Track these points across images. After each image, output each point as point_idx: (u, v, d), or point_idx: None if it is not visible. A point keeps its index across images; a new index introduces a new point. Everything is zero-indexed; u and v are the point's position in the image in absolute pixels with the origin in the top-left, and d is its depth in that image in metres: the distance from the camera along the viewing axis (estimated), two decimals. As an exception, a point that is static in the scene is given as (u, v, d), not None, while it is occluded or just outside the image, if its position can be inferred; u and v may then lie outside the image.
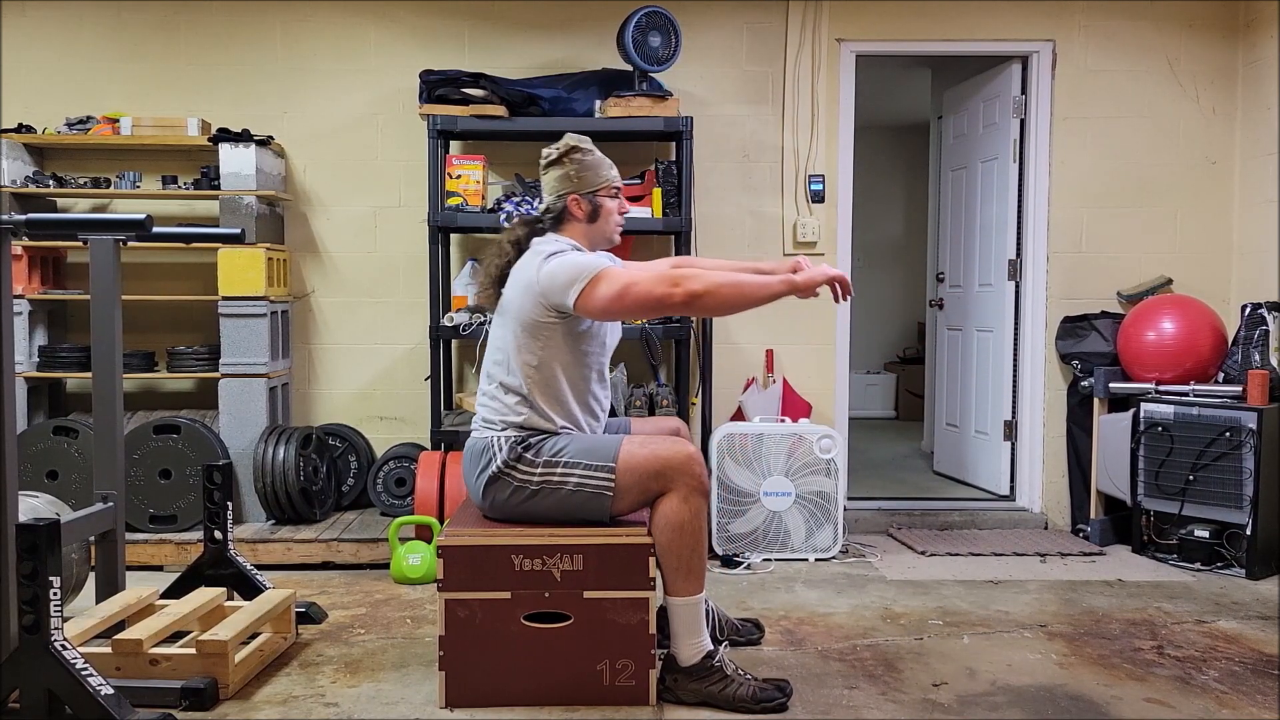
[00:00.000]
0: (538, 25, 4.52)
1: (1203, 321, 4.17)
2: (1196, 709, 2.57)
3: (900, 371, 8.17)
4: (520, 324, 2.58)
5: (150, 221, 2.55)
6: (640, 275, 2.48)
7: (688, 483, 2.50)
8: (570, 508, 2.56)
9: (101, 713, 2.23)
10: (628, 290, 2.45)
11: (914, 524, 4.56)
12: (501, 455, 2.57)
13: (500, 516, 2.63)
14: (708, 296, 2.44)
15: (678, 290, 2.43)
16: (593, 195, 2.69)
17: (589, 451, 2.55)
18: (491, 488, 2.59)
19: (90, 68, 4.48)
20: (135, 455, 4.02)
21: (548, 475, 2.55)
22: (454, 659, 2.53)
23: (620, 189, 2.76)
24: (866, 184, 7.72)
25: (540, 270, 2.53)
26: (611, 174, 2.73)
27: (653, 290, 2.44)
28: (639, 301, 2.45)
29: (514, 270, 2.65)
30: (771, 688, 2.54)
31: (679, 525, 2.49)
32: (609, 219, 2.73)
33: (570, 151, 2.68)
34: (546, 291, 2.52)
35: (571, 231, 2.70)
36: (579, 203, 2.68)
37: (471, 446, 2.67)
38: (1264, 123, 4.43)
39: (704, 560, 2.55)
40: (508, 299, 2.63)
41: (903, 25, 4.53)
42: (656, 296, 2.44)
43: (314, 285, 4.57)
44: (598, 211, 2.70)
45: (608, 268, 2.51)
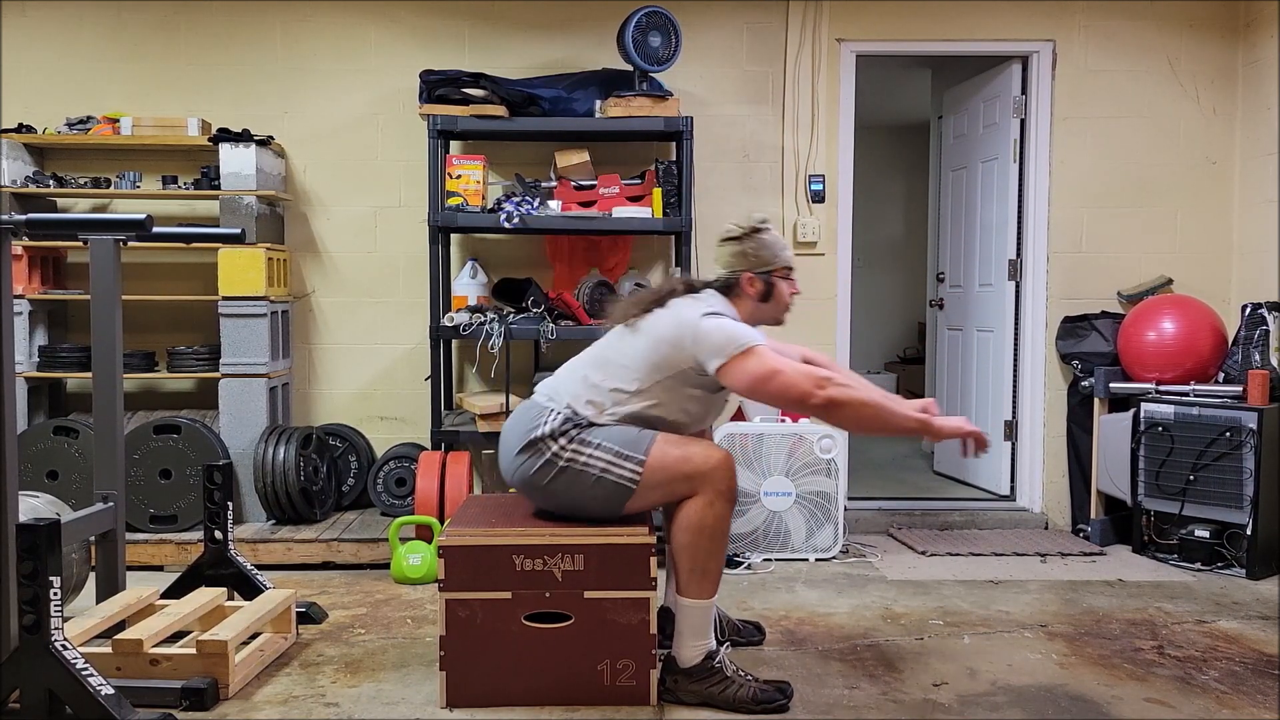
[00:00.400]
0: (538, 25, 4.52)
1: (1203, 321, 4.17)
2: (1197, 709, 2.57)
3: (901, 371, 8.17)
4: (657, 349, 2.54)
5: (150, 221, 2.55)
6: (789, 367, 2.46)
7: (716, 488, 2.48)
8: (589, 496, 2.53)
9: (102, 713, 2.23)
10: (773, 376, 2.44)
11: (914, 524, 4.56)
12: (548, 425, 2.54)
13: (521, 486, 2.60)
14: (848, 409, 2.43)
15: (820, 393, 2.42)
16: (768, 275, 2.68)
17: (623, 441, 2.52)
18: (525, 453, 2.56)
19: (90, 68, 4.48)
20: (135, 455, 4.02)
21: (576, 454, 2.51)
22: (455, 659, 2.53)
23: (793, 267, 2.74)
24: (867, 184, 7.73)
25: (699, 324, 2.51)
26: (787, 255, 2.71)
27: (797, 384, 2.43)
28: (780, 390, 2.44)
29: (673, 304, 2.60)
30: (772, 689, 2.54)
31: (700, 528, 2.48)
32: (780, 300, 2.72)
33: (753, 232, 2.68)
34: (695, 345, 2.50)
35: (739, 305, 2.68)
36: (753, 282, 2.67)
37: (524, 410, 2.63)
38: (1264, 123, 4.43)
39: (721, 566, 2.54)
40: (657, 324, 2.57)
41: (903, 25, 4.53)
42: (799, 392, 2.42)
43: (314, 285, 4.57)
44: (770, 292, 2.69)
45: (761, 346, 2.48)
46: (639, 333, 2.59)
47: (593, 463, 2.51)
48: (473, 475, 4.20)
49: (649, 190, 4.15)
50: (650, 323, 2.59)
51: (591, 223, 4.07)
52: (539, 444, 2.54)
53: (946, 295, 5.53)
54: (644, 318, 2.60)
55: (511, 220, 3.99)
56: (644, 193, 4.17)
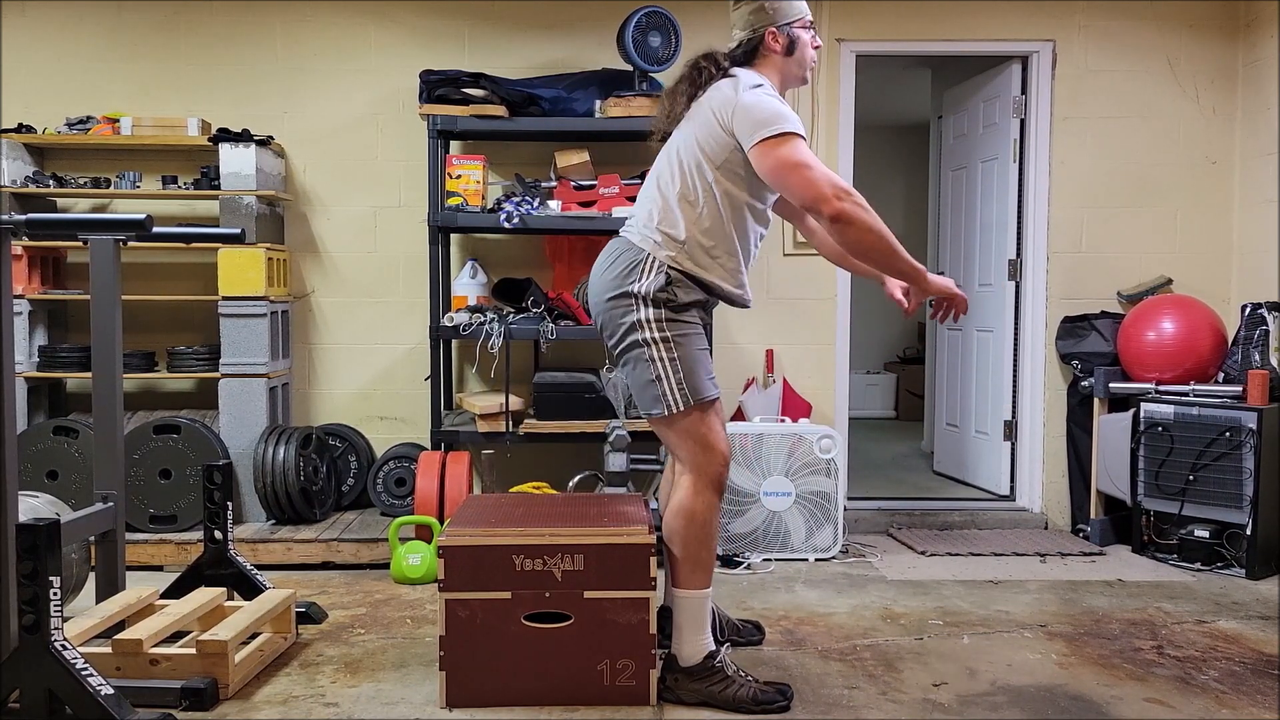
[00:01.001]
0: (538, 25, 4.52)
1: (1203, 321, 4.17)
2: (1196, 709, 2.57)
3: (900, 371, 8.17)
4: (700, 135, 2.50)
5: (150, 221, 2.55)
6: (818, 164, 2.40)
7: (706, 472, 2.52)
8: (636, 381, 2.54)
9: (102, 713, 2.23)
10: (800, 168, 2.38)
11: (914, 524, 4.56)
12: (651, 280, 2.50)
13: (603, 322, 2.58)
14: (855, 228, 2.37)
15: (837, 203, 2.35)
16: (789, 27, 2.60)
17: (692, 371, 2.51)
18: (615, 300, 2.53)
19: (90, 68, 4.48)
20: (135, 455, 4.02)
21: (653, 344, 2.49)
22: (454, 659, 2.53)
23: (813, 21, 2.67)
24: (866, 184, 7.69)
25: (741, 96, 2.45)
26: (804, 6, 2.63)
27: (819, 184, 2.36)
28: (801, 184, 2.38)
29: (710, 91, 2.54)
30: (773, 690, 2.54)
31: (690, 515, 2.51)
32: (804, 52, 2.63)
33: None
34: (736, 119, 2.44)
35: (766, 66, 2.60)
36: (776, 36, 2.59)
37: (621, 248, 2.58)
38: (1264, 123, 4.43)
39: (713, 556, 2.56)
40: (700, 117, 2.52)
41: (903, 25, 4.53)
42: (817, 192, 2.36)
43: (314, 285, 4.57)
44: (794, 44, 2.61)
45: (798, 135, 2.41)
46: (692, 122, 2.54)
47: (660, 364, 2.49)
48: (473, 475, 4.20)
49: (649, 190, 4.14)
50: (697, 110, 2.55)
51: (591, 223, 4.07)
52: (632, 300, 2.52)
53: (946, 295, 5.52)
54: (690, 109, 2.56)
55: (511, 220, 3.99)
56: (644, 193, 4.16)
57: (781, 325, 4.59)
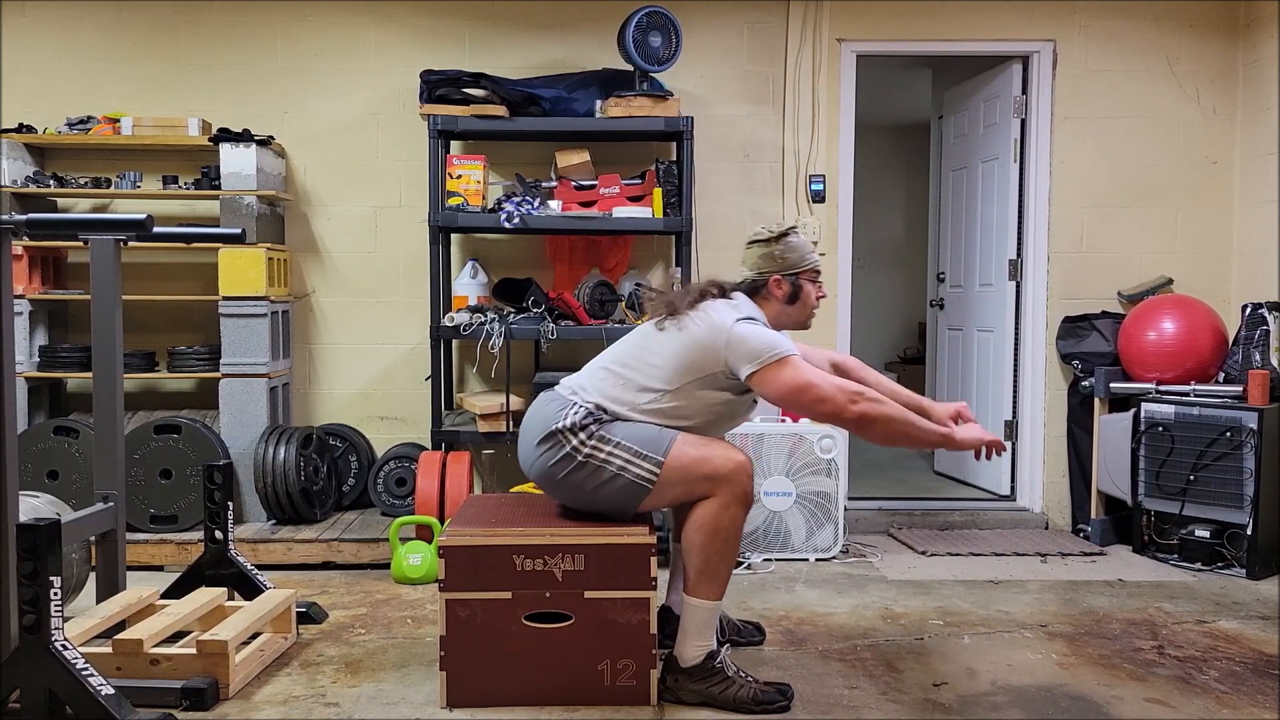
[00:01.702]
0: (538, 25, 4.52)
1: (1203, 321, 4.17)
2: (1197, 709, 2.57)
3: (901, 371, 8.15)
4: (689, 352, 2.54)
5: (151, 221, 2.55)
6: (820, 379, 2.47)
7: (732, 490, 2.48)
8: (606, 493, 2.53)
9: (102, 713, 2.23)
10: (807, 389, 2.45)
11: (914, 524, 4.56)
12: (570, 418, 2.54)
13: (538, 479, 2.60)
14: (878, 425, 2.45)
15: (853, 408, 2.44)
16: (795, 278, 2.70)
17: (643, 440, 2.52)
18: (545, 445, 2.55)
19: (90, 68, 4.48)
20: (136, 455, 4.02)
21: (596, 450, 2.51)
22: (455, 659, 2.53)
23: (820, 269, 2.77)
24: (867, 184, 7.72)
25: (732, 328, 2.51)
26: (814, 258, 2.74)
27: (832, 398, 2.44)
28: (813, 402, 2.45)
29: (705, 306, 2.59)
30: (773, 690, 2.54)
31: (714, 530, 2.48)
32: (807, 303, 2.74)
33: (783, 235, 2.70)
34: (728, 350, 2.50)
35: (765, 307, 2.70)
36: (780, 284, 2.69)
37: (547, 400, 2.63)
38: (1264, 123, 4.43)
39: (731, 569, 2.54)
40: (691, 324, 2.56)
41: (903, 25, 4.53)
42: (833, 406, 2.44)
43: (314, 285, 4.57)
44: (797, 294, 2.71)
45: (795, 356, 2.49)
46: (669, 334, 2.58)
47: (612, 459, 2.51)
48: (473, 475, 4.20)
49: (649, 190, 4.15)
50: (682, 324, 2.58)
51: (592, 223, 4.07)
52: (559, 436, 2.54)
53: (947, 295, 5.53)
54: (676, 319, 2.59)
55: (512, 220, 3.99)
56: (644, 193, 4.17)
57: (782, 325, 4.58)
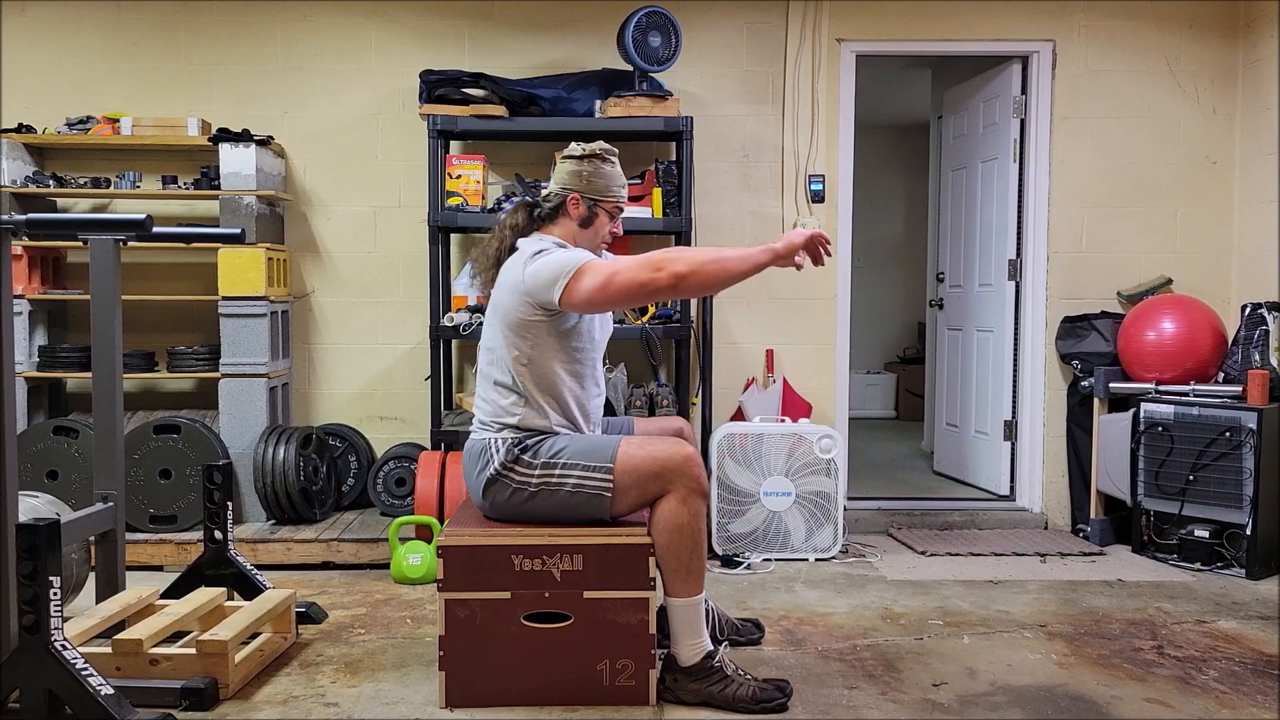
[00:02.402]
0: (538, 25, 4.52)
1: (1203, 321, 4.17)
2: (1196, 709, 2.57)
3: (900, 371, 8.17)
4: (508, 324, 2.60)
5: (150, 221, 2.55)
6: (624, 264, 2.48)
7: (686, 484, 2.50)
8: (571, 508, 2.57)
9: (101, 713, 2.23)
10: (611, 279, 2.45)
11: (914, 524, 4.56)
12: (500, 457, 2.58)
13: (501, 517, 2.64)
14: (692, 276, 2.43)
15: (661, 274, 2.43)
16: (594, 203, 2.71)
17: (587, 452, 2.56)
18: (491, 489, 2.60)
19: (90, 68, 4.48)
20: (135, 455, 4.02)
21: (546, 476, 2.55)
22: (454, 659, 2.53)
23: (623, 208, 2.77)
24: (866, 184, 7.73)
25: (525, 270, 2.55)
26: (621, 193, 2.75)
27: (637, 276, 2.44)
28: (624, 289, 2.45)
29: (502, 271, 2.67)
30: (771, 688, 2.54)
31: (678, 527, 2.49)
32: (598, 232, 2.74)
33: (593, 156, 2.70)
34: (532, 290, 2.53)
35: (562, 229, 2.72)
36: (577, 204, 2.70)
37: (470, 448, 2.68)
38: (1264, 123, 4.43)
39: (703, 561, 2.55)
40: (496, 299, 2.65)
41: (903, 25, 4.53)
42: (641, 282, 2.44)
43: (314, 285, 4.57)
44: (592, 220, 2.72)
45: (590, 260, 2.52)
46: (494, 314, 2.65)
47: (565, 479, 2.54)
48: (473, 475, 4.20)
49: (649, 190, 4.15)
50: (495, 301, 2.66)
51: (591, 223, 4.06)
52: (501, 477, 2.58)
53: (946, 295, 5.53)
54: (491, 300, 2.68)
55: (511, 219, 3.98)
56: (644, 193, 4.17)
57: (781, 325, 4.59)
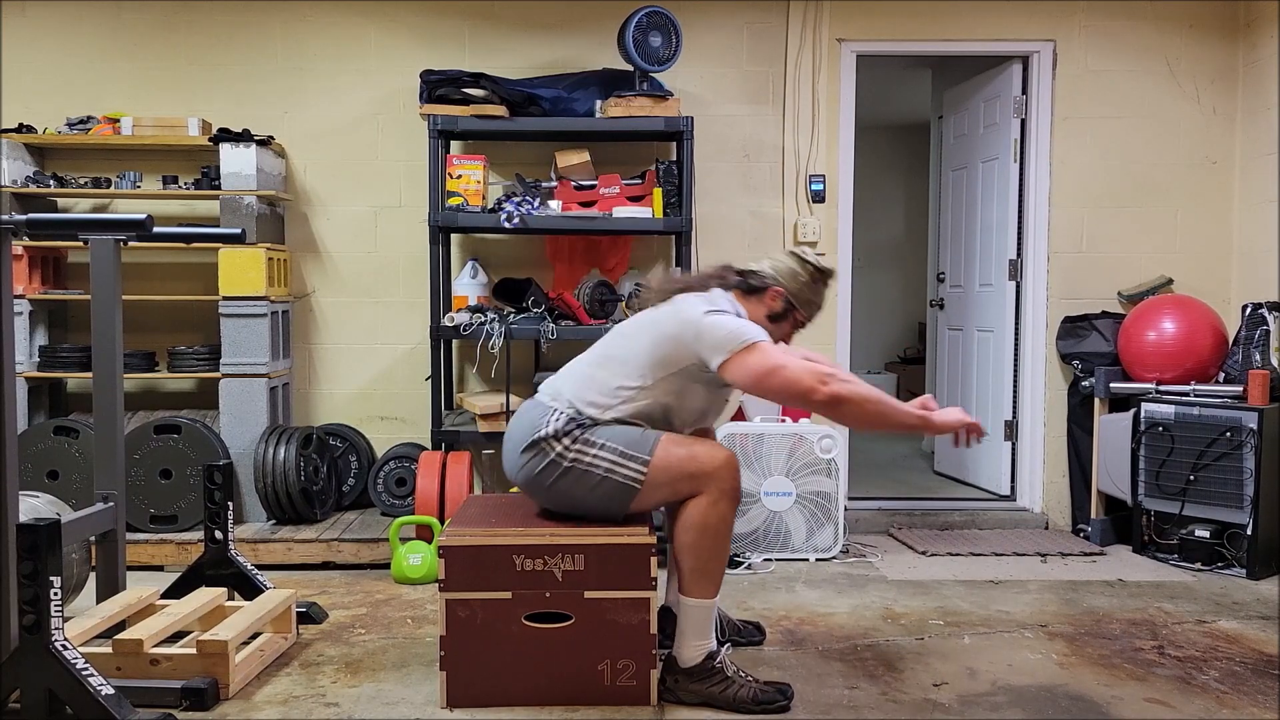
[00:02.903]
0: (538, 25, 4.52)
1: (1203, 321, 4.17)
2: (1197, 709, 2.57)
3: (901, 371, 8.16)
4: (660, 346, 2.55)
5: (151, 221, 2.55)
6: (790, 361, 2.47)
7: (720, 487, 2.48)
8: (594, 496, 2.53)
9: (102, 713, 2.23)
10: (776, 371, 2.44)
11: (914, 524, 4.56)
12: (553, 425, 2.54)
13: (525, 487, 2.61)
14: (851, 404, 2.43)
15: (824, 389, 2.42)
16: (791, 307, 2.73)
17: (627, 441, 2.52)
18: (529, 453, 2.56)
19: (90, 68, 4.48)
20: (136, 455, 4.02)
21: (580, 455, 2.51)
22: (455, 659, 2.53)
23: (806, 323, 2.81)
24: (867, 184, 7.73)
25: (701, 319, 2.52)
26: (816, 315, 2.81)
27: (801, 379, 2.43)
28: (783, 385, 2.44)
29: (682, 301, 2.61)
30: (773, 690, 2.54)
31: (704, 527, 2.48)
32: (778, 331, 2.75)
33: (821, 272, 2.75)
34: (699, 340, 2.50)
35: (751, 309, 2.71)
36: (778, 299, 2.72)
37: (528, 409, 2.64)
38: (1264, 123, 4.43)
39: (724, 566, 2.54)
40: (663, 318, 2.58)
41: (903, 25, 4.53)
42: (803, 387, 2.43)
43: (314, 285, 4.57)
44: (782, 318, 2.74)
45: (764, 342, 2.49)
46: (643, 329, 2.60)
47: (597, 463, 2.51)
48: (473, 475, 4.20)
49: (649, 190, 4.15)
50: (653, 319, 2.60)
51: (592, 223, 4.07)
52: (543, 444, 2.54)
53: (947, 295, 5.53)
54: (656, 311, 2.62)
55: (512, 220, 3.99)
56: (644, 193, 4.17)
57: (782, 325, 4.58)
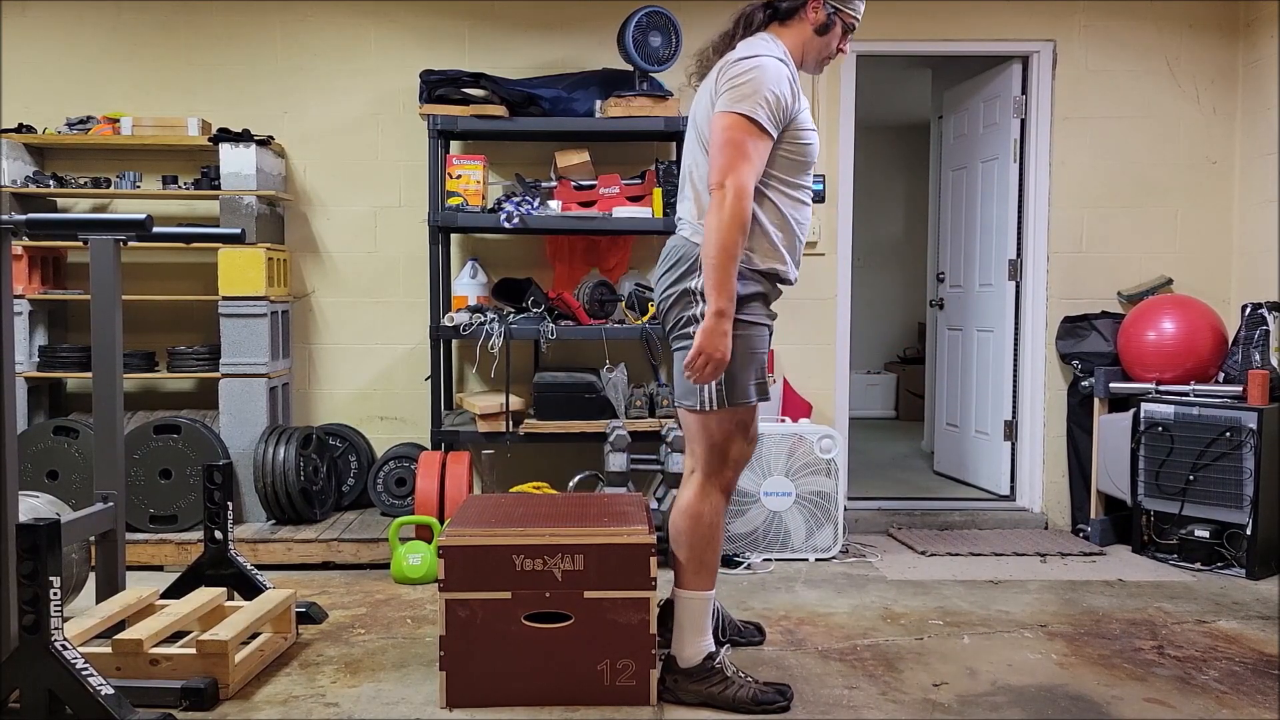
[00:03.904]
0: (538, 25, 4.52)
1: (1203, 321, 4.17)
2: (1196, 709, 2.57)
3: (900, 371, 8.17)
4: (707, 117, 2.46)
5: (150, 221, 2.55)
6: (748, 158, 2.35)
7: (717, 476, 2.53)
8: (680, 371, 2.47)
9: (102, 713, 2.23)
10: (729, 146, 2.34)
11: (914, 524, 4.56)
12: (699, 278, 2.43)
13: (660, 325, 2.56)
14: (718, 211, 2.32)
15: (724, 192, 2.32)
16: (835, 11, 2.52)
17: (741, 371, 2.46)
18: (677, 300, 2.50)
19: (90, 68, 4.48)
20: (135, 455, 4.02)
21: None
22: (455, 659, 2.53)
23: (856, 26, 2.58)
24: (866, 184, 7.72)
25: (733, 63, 2.42)
26: (861, 7, 2.56)
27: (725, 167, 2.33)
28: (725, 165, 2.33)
29: (724, 64, 2.46)
30: (772, 691, 2.54)
31: (695, 515, 2.52)
32: (830, 43, 2.56)
33: None
34: (720, 81, 2.41)
35: (795, 33, 2.53)
36: (818, 8, 2.51)
37: (677, 245, 2.53)
38: (1264, 123, 4.43)
39: (717, 558, 2.57)
40: (695, 110, 2.52)
41: (903, 25, 4.53)
42: (719, 176, 2.33)
43: (314, 285, 4.57)
44: (828, 29, 2.52)
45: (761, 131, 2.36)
46: (702, 106, 2.50)
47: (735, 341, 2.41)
48: (473, 475, 4.20)
49: (649, 190, 4.15)
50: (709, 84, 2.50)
51: (591, 223, 4.07)
52: (691, 296, 2.47)
53: (946, 295, 5.53)
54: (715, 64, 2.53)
55: (511, 220, 3.99)
56: (644, 193, 4.17)
57: (782, 325, 4.50)
